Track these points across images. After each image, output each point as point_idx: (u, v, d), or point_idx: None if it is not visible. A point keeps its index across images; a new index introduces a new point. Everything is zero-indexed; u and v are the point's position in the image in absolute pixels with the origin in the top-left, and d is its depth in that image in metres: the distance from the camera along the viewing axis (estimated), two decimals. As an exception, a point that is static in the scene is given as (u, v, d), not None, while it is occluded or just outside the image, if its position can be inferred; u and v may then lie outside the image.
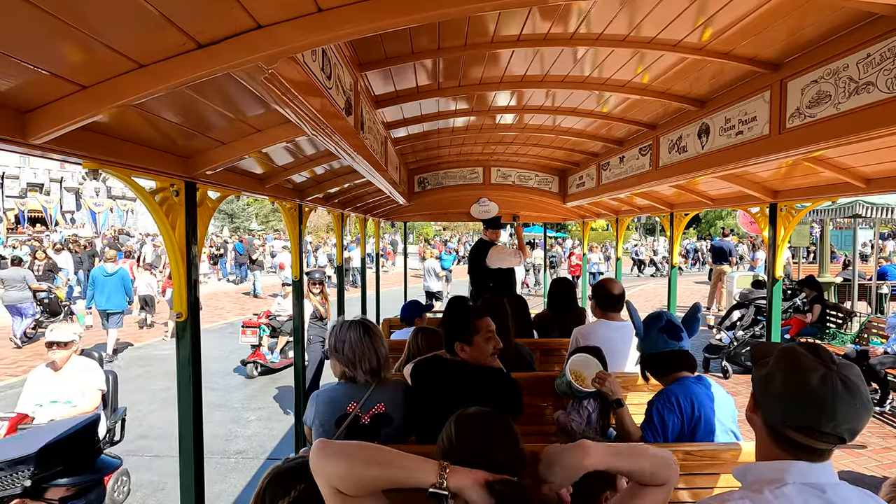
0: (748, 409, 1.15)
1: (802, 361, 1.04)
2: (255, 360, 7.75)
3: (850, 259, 11.13)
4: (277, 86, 1.15)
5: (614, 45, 2.02)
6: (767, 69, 1.96)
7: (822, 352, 1.05)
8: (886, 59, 1.45)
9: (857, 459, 4.73)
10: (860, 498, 1.02)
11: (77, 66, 1.01)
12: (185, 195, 1.78)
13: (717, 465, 1.99)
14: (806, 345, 1.10)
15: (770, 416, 1.07)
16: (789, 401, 1.03)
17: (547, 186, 5.69)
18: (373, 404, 2.06)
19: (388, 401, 2.09)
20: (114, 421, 4.18)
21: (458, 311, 2.30)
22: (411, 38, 2.00)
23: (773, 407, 1.06)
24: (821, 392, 0.99)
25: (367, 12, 0.98)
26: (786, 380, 1.04)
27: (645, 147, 3.31)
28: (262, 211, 40.40)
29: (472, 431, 1.26)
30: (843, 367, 1.02)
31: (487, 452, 1.19)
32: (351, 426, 2.03)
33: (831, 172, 2.40)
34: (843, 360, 1.05)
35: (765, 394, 1.08)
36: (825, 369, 1.01)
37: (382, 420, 2.06)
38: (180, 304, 1.78)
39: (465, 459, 1.15)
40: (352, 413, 2.04)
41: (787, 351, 1.08)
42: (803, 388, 1.01)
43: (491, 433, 1.25)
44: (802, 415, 1.02)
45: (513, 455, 1.23)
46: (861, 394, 1.00)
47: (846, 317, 7.93)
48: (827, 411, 0.99)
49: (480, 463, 1.14)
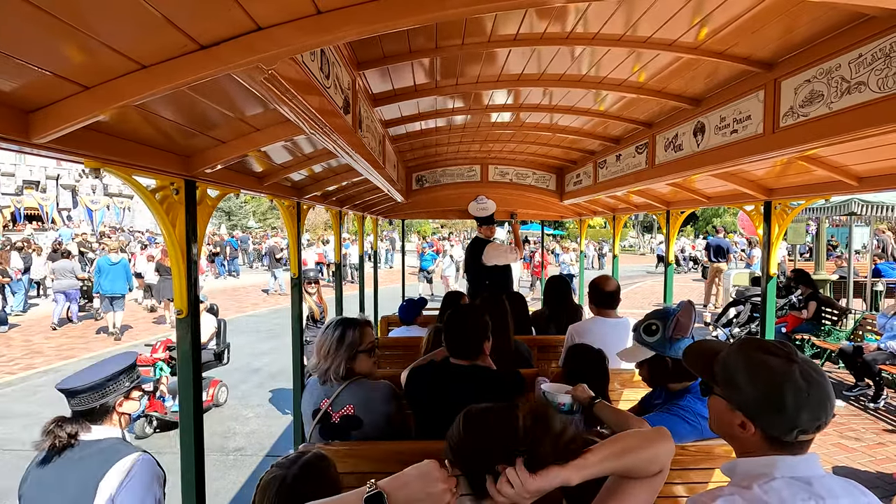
0: (718, 417, 1.19)
1: (763, 369, 1.08)
2: (150, 414, 5.41)
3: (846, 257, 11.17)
4: (277, 86, 1.17)
5: (611, 44, 2.04)
6: (761, 69, 1.99)
7: (777, 350, 1.09)
8: (878, 59, 1.47)
9: (850, 455, 4.78)
10: (844, 488, 1.05)
11: (80, 67, 1.02)
12: (185, 193, 1.79)
13: (711, 460, 2.02)
14: (754, 345, 1.14)
15: (751, 423, 1.10)
16: (761, 411, 1.08)
17: (544, 184, 5.71)
18: (342, 405, 2.08)
19: (358, 403, 2.08)
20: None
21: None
22: (409, 38, 2.01)
23: (750, 416, 1.10)
24: (790, 397, 1.04)
25: (366, 14, 1.00)
26: (758, 389, 1.08)
27: (641, 145, 3.33)
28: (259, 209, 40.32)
29: (477, 427, 1.19)
30: (803, 361, 1.07)
31: (490, 448, 1.13)
32: (323, 423, 2.07)
33: (824, 171, 2.42)
34: (798, 356, 1.09)
35: (738, 403, 1.12)
36: (788, 366, 1.06)
37: (351, 422, 2.06)
38: (181, 301, 1.80)
39: (467, 457, 1.13)
40: (323, 409, 2.07)
41: (744, 357, 1.12)
42: (774, 398, 1.05)
43: (496, 429, 1.18)
44: (776, 423, 1.06)
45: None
46: (825, 387, 1.05)
47: (841, 313, 7.98)
48: (798, 414, 1.04)
49: (483, 459, 1.10)
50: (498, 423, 1.18)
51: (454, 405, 1.45)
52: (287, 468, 1.41)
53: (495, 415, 1.19)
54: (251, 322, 12.11)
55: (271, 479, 1.39)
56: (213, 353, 6.39)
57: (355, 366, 2.11)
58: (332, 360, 2.07)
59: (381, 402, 2.12)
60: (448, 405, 1.75)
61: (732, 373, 1.12)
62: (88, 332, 10.98)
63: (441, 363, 2.24)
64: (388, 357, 4.05)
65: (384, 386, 2.18)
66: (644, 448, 1.10)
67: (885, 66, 1.44)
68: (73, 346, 9.83)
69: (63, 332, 11.06)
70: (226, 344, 6.65)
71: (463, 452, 1.15)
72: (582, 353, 2.41)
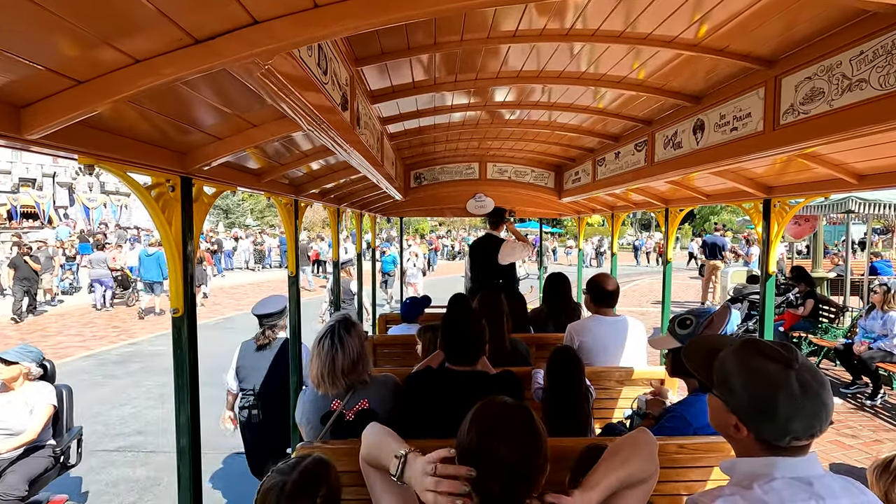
0: (716, 416, 1.18)
1: (761, 376, 1.07)
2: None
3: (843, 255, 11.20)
4: (274, 81, 1.15)
5: (610, 41, 2.02)
6: (762, 66, 1.97)
7: (777, 355, 1.08)
8: (879, 56, 1.46)
9: (847, 452, 4.80)
10: (844, 487, 1.04)
11: (73, 62, 1.00)
12: (181, 190, 1.77)
13: (711, 458, 2.02)
14: (752, 346, 1.13)
15: (744, 427, 1.10)
16: (753, 416, 1.08)
17: (543, 182, 5.69)
18: (356, 401, 2.07)
19: (373, 397, 2.08)
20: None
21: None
22: (407, 34, 1.99)
23: (743, 420, 1.09)
24: (783, 406, 1.03)
25: (363, 8, 0.98)
26: (751, 396, 1.08)
27: (640, 143, 3.32)
28: (257, 206, 40.23)
29: (483, 424, 1.15)
30: (802, 368, 1.05)
31: (493, 448, 1.10)
32: (336, 423, 2.05)
33: (824, 169, 2.42)
34: (799, 360, 1.07)
35: (733, 407, 1.11)
36: (784, 374, 1.04)
37: (367, 416, 2.04)
38: (177, 299, 1.78)
39: (471, 457, 1.11)
40: (336, 410, 2.05)
41: (741, 360, 1.11)
42: (766, 405, 1.05)
43: (501, 428, 1.14)
44: (766, 429, 1.06)
45: (524, 453, 1.12)
46: (822, 398, 1.04)
47: (838, 311, 8.00)
48: (790, 423, 1.03)
49: (486, 459, 1.09)
50: (505, 423, 1.16)
51: (453, 412, 1.43)
52: (287, 474, 1.41)
53: (504, 413, 1.18)
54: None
55: (271, 485, 1.39)
56: (52, 452, 3.69)
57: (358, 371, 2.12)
58: (335, 377, 2.04)
59: (392, 393, 2.14)
60: (447, 412, 1.74)
61: (728, 375, 1.11)
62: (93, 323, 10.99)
63: (439, 369, 2.22)
64: (386, 356, 4.05)
65: (392, 378, 2.21)
66: (637, 452, 1.20)
67: (886, 63, 1.43)
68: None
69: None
70: (75, 434, 3.93)
71: (466, 452, 1.14)
72: (563, 356, 2.51)
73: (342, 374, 2.03)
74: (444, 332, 2.21)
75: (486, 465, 1.10)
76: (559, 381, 2.44)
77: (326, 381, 2.03)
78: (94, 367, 8.17)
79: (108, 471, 4.69)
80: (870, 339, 6.31)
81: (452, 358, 2.17)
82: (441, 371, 2.19)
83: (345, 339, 2.05)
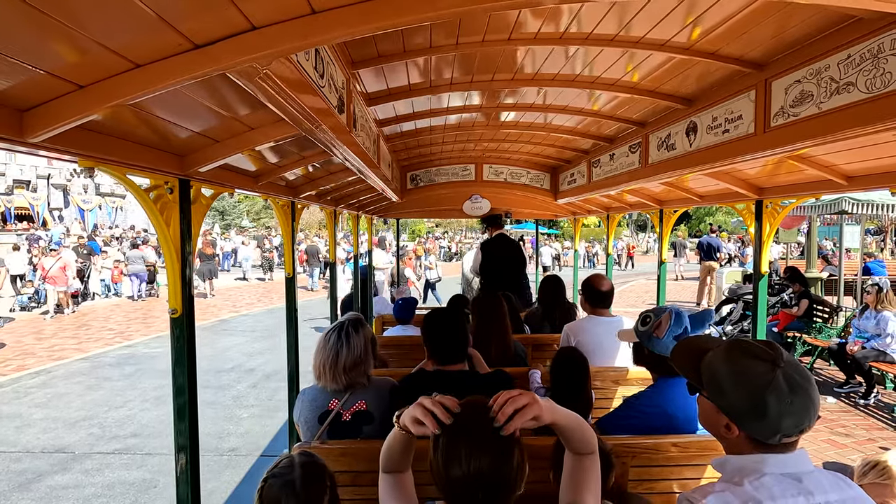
0: (706, 417, 1.21)
1: (746, 378, 1.10)
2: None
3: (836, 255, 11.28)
4: (271, 85, 1.17)
5: (604, 44, 2.05)
6: (753, 69, 2.01)
7: (764, 354, 1.10)
8: (866, 60, 1.49)
9: (841, 451, 4.83)
10: (832, 482, 1.07)
11: (74, 66, 1.02)
12: (180, 193, 1.79)
13: (704, 456, 2.04)
14: (738, 348, 1.15)
15: (736, 427, 1.12)
16: (744, 417, 1.10)
17: (539, 183, 5.72)
18: (354, 402, 2.09)
19: (370, 399, 2.10)
20: None
21: None
22: (403, 38, 2.01)
23: (735, 420, 1.12)
24: (773, 405, 1.05)
25: (360, 14, 1.00)
26: (741, 397, 1.10)
27: (634, 145, 3.35)
28: (253, 208, 40.15)
29: (455, 426, 1.10)
30: (788, 365, 1.08)
31: (460, 463, 1.05)
32: (333, 423, 2.07)
33: (814, 170, 2.45)
34: (784, 358, 1.10)
35: (724, 408, 1.13)
36: (772, 373, 1.07)
37: (364, 417, 2.07)
38: (175, 300, 1.79)
39: (440, 466, 1.08)
40: (334, 410, 2.07)
41: (729, 361, 1.14)
42: (757, 405, 1.07)
43: (466, 439, 1.08)
44: (758, 428, 1.09)
45: (494, 460, 1.06)
46: (809, 393, 1.06)
47: (832, 311, 8.06)
48: (781, 421, 1.06)
49: (456, 474, 1.05)
50: (474, 426, 1.11)
51: None
52: (289, 473, 1.44)
53: (472, 415, 1.13)
54: (247, 322, 12.07)
55: (281, 486, 1.42)
56: None
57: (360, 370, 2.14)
58: (336, 373, 2.06)
59: (390, 396, 2.16)
60: None
61: (717, 377, 1.14)
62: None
63: (432, 371, 2.24)
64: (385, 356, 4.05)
65: (390, 382, 2.23)
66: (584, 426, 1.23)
67: (873, 67, 1.46)
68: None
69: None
70: None
71: (438, 453, 1.12)
72: (568, 358, 2.50)
73: (343, 370, 2.05)
74: (423, 335, 2.25)
75: (460, 480, 1.06)
76: (564, 383, 2.41)
77: (327, 375, 2.06)
78: (91, 370, 8.14)
79: (104, 473, 4.67)
80: (863, 338, 6.36)
81: (438, 358, 2.21)
82: (433, 372, 2.22)
83: (351, 337, 2.09)
